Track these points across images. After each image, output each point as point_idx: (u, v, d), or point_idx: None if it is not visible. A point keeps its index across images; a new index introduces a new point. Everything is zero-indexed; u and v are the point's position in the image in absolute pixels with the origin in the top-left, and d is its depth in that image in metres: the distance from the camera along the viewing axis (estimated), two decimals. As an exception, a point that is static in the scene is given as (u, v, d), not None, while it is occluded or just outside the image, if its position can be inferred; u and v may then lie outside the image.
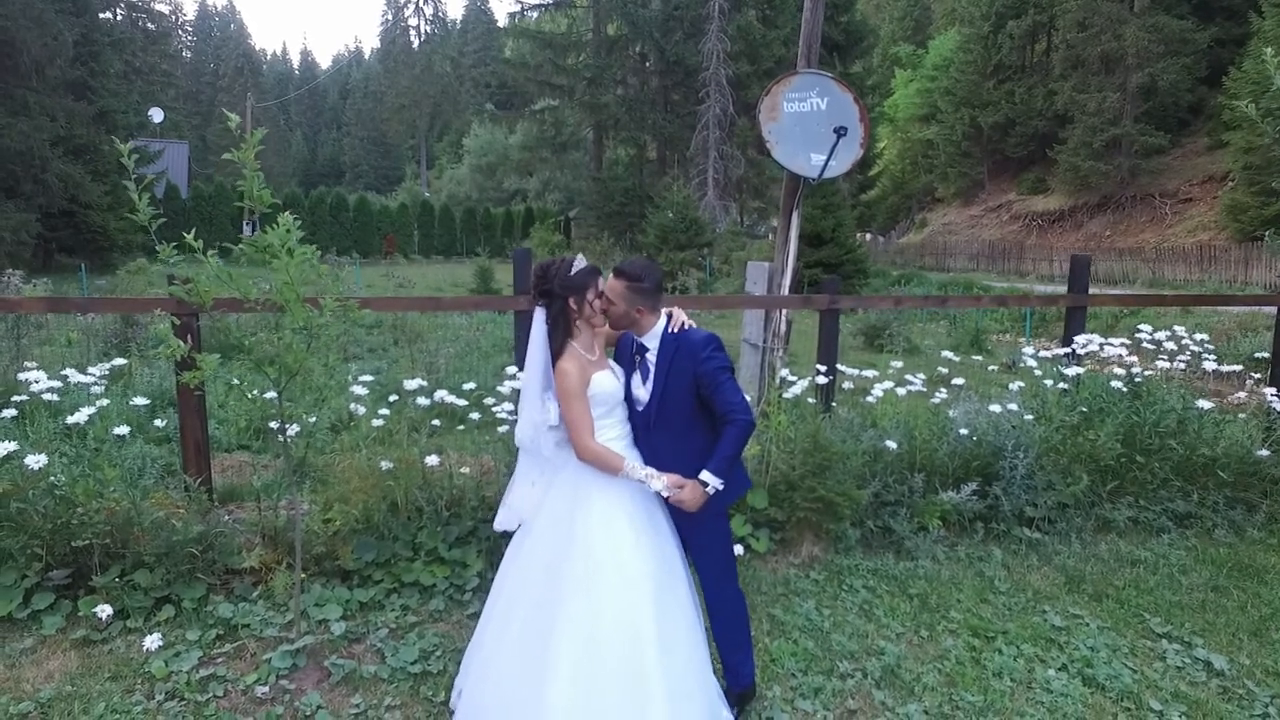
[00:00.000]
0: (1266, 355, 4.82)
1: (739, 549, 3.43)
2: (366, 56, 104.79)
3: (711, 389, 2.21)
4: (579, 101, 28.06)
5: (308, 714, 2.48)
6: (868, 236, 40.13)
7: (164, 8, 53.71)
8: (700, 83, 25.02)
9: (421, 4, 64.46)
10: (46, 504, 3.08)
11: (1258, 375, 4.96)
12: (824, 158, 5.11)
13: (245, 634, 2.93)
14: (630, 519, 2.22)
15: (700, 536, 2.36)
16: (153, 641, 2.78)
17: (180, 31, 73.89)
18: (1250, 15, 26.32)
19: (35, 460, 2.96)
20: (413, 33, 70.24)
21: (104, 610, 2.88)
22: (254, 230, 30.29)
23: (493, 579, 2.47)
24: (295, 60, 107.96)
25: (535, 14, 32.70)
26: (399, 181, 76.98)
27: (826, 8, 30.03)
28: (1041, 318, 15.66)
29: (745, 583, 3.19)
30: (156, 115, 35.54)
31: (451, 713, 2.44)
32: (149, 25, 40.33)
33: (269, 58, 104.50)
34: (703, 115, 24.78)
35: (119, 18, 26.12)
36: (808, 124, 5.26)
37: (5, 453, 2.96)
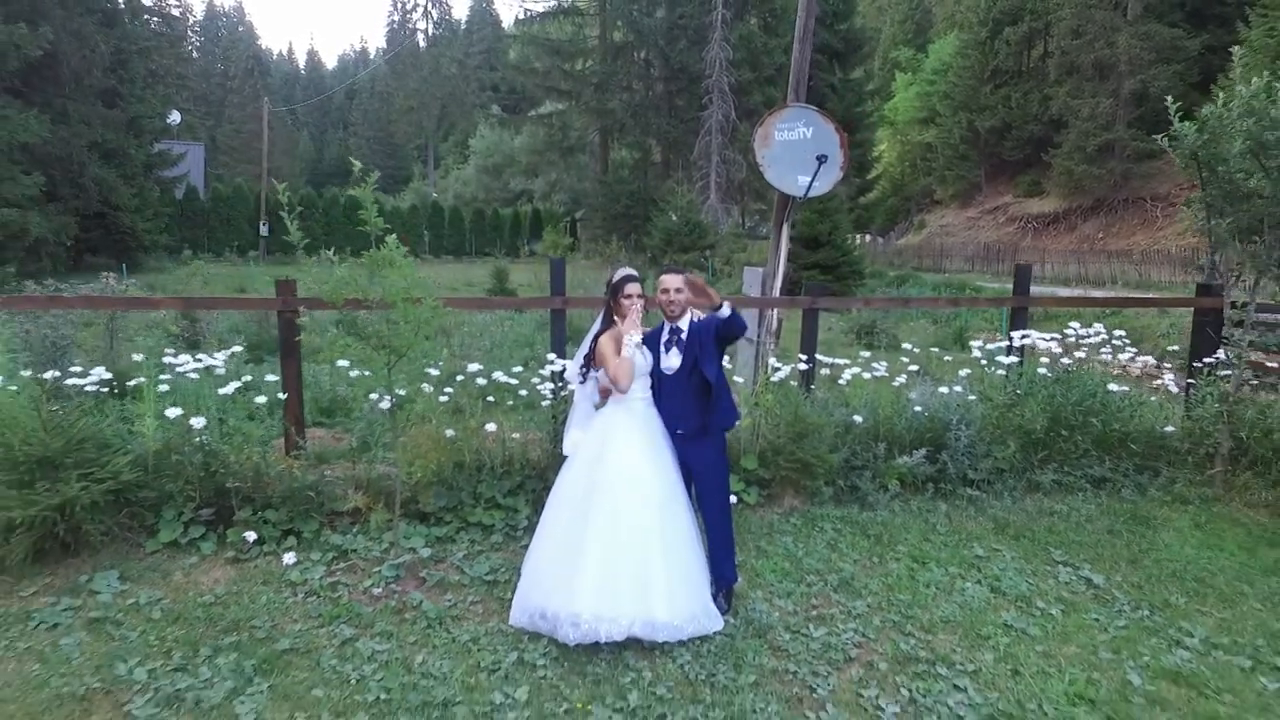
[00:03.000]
0: (1177, 349, 5.68)
1: (734, 499, 4.32)
2: (372, 55, 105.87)
3: (726, 329, 3.21)
4: (585, 106, 28.94)
5: (415, 604, 3.38)
6: (867, 238, 40.94)
7: (174, 10, 54.57)
8: (704, 89, 25.89)
9: (429, 8, 65.15)
10: (198, 457, 3.98)
11: (1170, 365, 5.83)
12: (809, 180, 6.00)
13: (354, 556, 3.83)
14: (642, 453, 3.14)
15: (705, 466, 3.29)
16: (289, 559, 3.70)
17: (190, 32, 74.76)
18: (1239, 23, 27.12)
19: (198, 422, 3.87)
20: (420, 35, 71.09)
21: (250, 535, 3.79)
22: (270, 231, 31.22)
23: (538, 521, 3.38)
24: (301, 60, 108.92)
25: (540, 16, 33.51)
26: (405, 181, 77.82)
27: (826, 16, 30.64)
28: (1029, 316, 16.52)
29: (738, 525, 4.05)
30: (174, 118, 36.53)
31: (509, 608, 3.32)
32: (164, 29, 41.29)
33: (275, 57, 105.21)
34: (705, 121, 25.66)
35: (138, 25, 26.94)
36: (796, 151, 6.12)
37: (174, 415, 3.86)
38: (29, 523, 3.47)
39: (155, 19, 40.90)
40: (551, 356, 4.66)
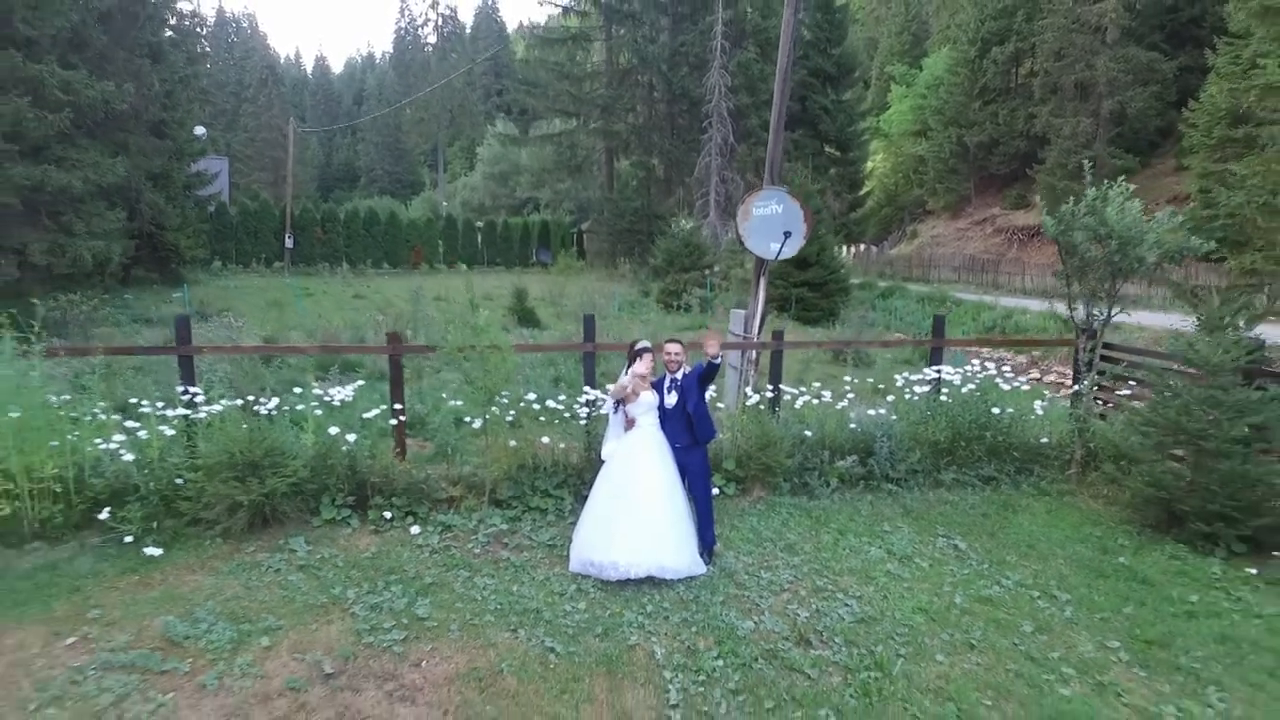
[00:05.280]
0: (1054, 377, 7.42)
1: (716, 491, 6.08)
2: (378, 59, 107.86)
3: (708, 372, 4.93)
4: (592, 128, 30.72)
5: (504, 558, 5.14)
6: (861, 247, 42.67)
7: (188, 23, 56.10)
8: (704, 113, 27.64)
9: (439, 23, 66.88)
10: (345, 460, 5.76)
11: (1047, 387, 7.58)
12: (778, 247, 7.77)
13: (456, 529, 5.59)
14: (655, 459, 4.90)
15: (695, 468, 5.05)
16: (415, 530, 5.48)
17: (203, 42, 76.40)
18: (1209, 50, 28.76)
19: (350, 436, 5.65)
20: (429, 47, 72.78)
21: (387, 514, 5.57)
22: (294, 244, 32.99)
23: (582, 506, 5.14)
24: (309, 65, 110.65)
25: (547, 41, 35.24)
26: (412, 185, 79.56)
27: (820, 41, 32.16)
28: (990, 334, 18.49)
29: (719, 509, 5.81)
30: (200, 133, 38.34)
31: (567, 560, 5.08)
32: (189, 47, 43.03)
33: (283, 61, 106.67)
34: (706, 143, 27.40)
35: (179, 56, 28.63)
36: (769, 223, 7.90)
37: (334, 432, 5.64)
38: (248, 505, 5.26)
39: (174, 33, 42.69)
40: (586, 388, 6.43)
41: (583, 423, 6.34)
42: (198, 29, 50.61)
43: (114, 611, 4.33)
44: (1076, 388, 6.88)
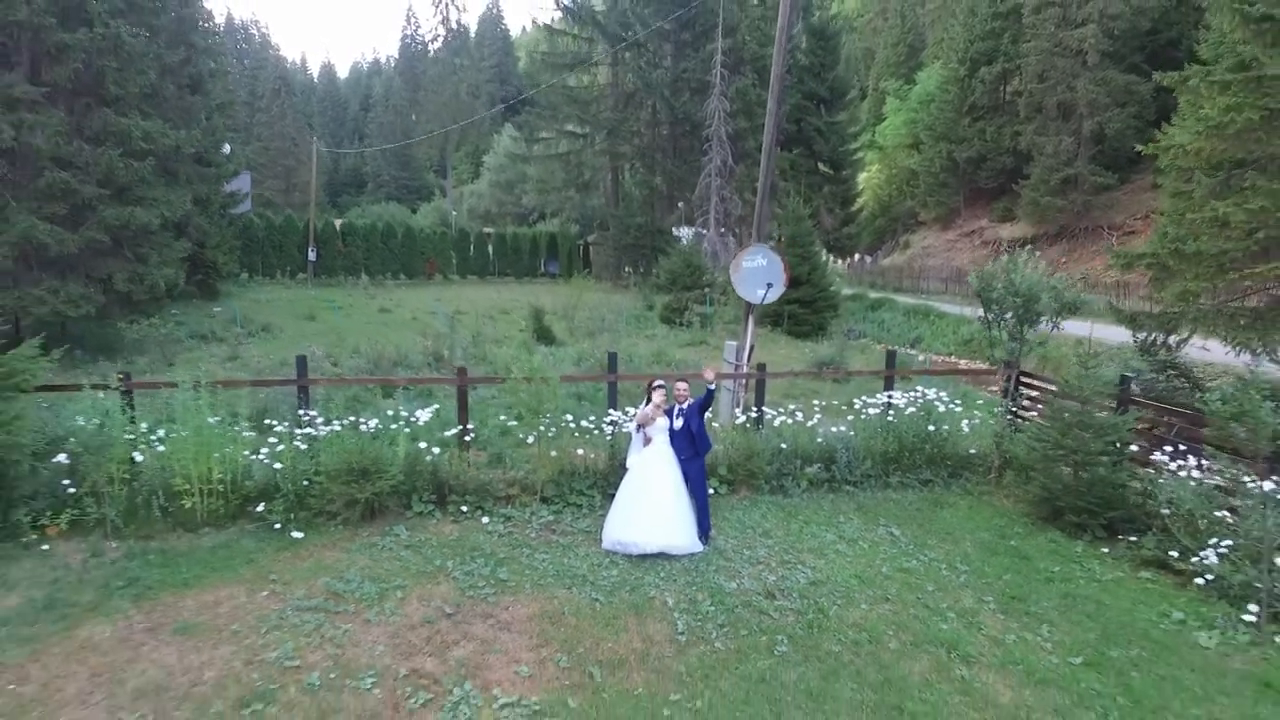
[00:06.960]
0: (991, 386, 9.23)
1: (712, 491, 7.87)
2: (383, 63, 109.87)
3: (706, 402, 6.76)
4: (600, 149, 32.57)
5: (554, 540, 6.93)
6: (855, 257, 44.48)
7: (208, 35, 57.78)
8: (704, 136, 29.45)
9: (448, 38, 68.70)
10: (429, 467, 7.56)
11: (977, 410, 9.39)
12: (763, 294, 9.58)
13: (515, 520, 7.38)
14: (668, 467, 6.71)
15: (696, 474, 6.86)
16: (485, 520, 7.29)
17: (222, 58, 78.12)
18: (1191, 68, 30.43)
19: (434, 449, 7.46)
20: (436, 50, 74.60)
21: (463, 508, 7.38)
22: (317, 257, 34.80)
23: (610, 502, 6.94)
24: (315, 71, 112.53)
25: (557, 67, 37.10)
26: (419, 191, 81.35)
27: (815, 66, 33.93)
28: (968, 349, 20.40)
29: (713, 505, 7.57)
30: (226, 150, 40.16)
31: (599, 541, 6.88)
32: (210, 63, 44.79)
33: (288, 66, 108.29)
34: (706, 164, 29.21)
35: (216, 82, 30.42)
36: (756, 274, 9.71)
37: (423, 446, 7.45)
38: (362, 501, 7.07)
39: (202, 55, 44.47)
40: (611, 411, 8.24)
41: (608, 438, 8.15)
42: (213, 40, 52.39)
43: (285, 575, 6.14)
44: (997, 410, 8.69)
